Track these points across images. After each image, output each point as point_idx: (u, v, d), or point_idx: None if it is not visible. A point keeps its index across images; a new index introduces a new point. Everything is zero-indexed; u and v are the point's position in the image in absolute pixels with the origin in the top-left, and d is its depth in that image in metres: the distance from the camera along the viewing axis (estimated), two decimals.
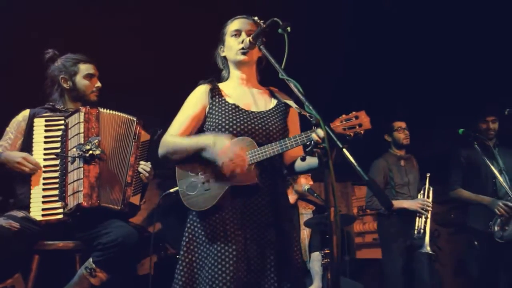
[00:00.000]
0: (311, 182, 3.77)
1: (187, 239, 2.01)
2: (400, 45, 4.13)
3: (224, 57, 2.20)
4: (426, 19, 3.92)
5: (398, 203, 3.89)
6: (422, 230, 3.76)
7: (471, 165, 3.88)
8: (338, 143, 1.53)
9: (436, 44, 4.17)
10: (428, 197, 3.89)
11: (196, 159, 1.98)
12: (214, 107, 2.06)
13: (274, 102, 2.18)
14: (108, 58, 2.86)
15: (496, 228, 3.61)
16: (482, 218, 3.74)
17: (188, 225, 2.03)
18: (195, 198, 1.95)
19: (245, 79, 2.16)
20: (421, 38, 4.10)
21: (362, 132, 1.80)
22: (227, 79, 2.21)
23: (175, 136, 2.05)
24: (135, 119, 2.75)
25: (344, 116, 1.85)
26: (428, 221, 3.77)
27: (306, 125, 1.86)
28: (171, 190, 3.35)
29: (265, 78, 2.24)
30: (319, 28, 3.81)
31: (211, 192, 1.93)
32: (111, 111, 2.69)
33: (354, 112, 1.84)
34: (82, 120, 2.55)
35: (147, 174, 2.70)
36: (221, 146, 1.88)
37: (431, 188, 3.92)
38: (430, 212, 3.79)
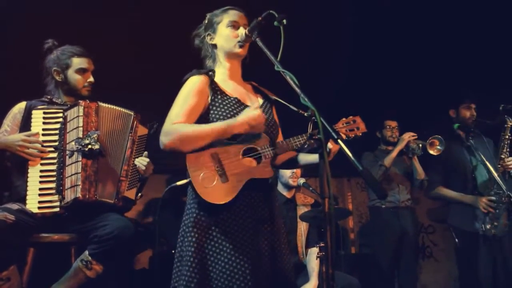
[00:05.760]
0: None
1: (196, 235, 1.91)
2: (399, 45, 4.16)
3: (213, 45, 2.16)
4: (426, 18, 3.93)
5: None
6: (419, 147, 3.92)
7: (451, 159, 3.67)
8: (334, 134, 1.55)
9: (436, 44, 4.20)
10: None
11: (206, 152, 1.93)
12: (217, 100, 2.04)
13: (260, 96, 2.22)
14: (105, 57, 2.84)
15: (487, 226, 3.41)
16: (462, 216, 3.58)
17: (196, 220, 1.93)
18: (214, 190, 1.88)
19: (234, 72, 2.16)
20: (421, 38, 4.12)
21: (360, 134, 2.13)
22: (211, 67, 2.17)
23: (185, 124, 1.93)
24: (132, 113, 2.73)
25: (344, 119, 2.14)
26: (420, 148, 3.91)
27: (297, 119, 1.88)
28: (178, 183, 3.24)
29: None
30: (320, 28, 3.83)
31: (230, 184, 1.89)
32: (109, 105, 2.68)
33: (351, 117, 2.15)
34: (81, 114, 2.55)
35: (143, 168, 2.67)
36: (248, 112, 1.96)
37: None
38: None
